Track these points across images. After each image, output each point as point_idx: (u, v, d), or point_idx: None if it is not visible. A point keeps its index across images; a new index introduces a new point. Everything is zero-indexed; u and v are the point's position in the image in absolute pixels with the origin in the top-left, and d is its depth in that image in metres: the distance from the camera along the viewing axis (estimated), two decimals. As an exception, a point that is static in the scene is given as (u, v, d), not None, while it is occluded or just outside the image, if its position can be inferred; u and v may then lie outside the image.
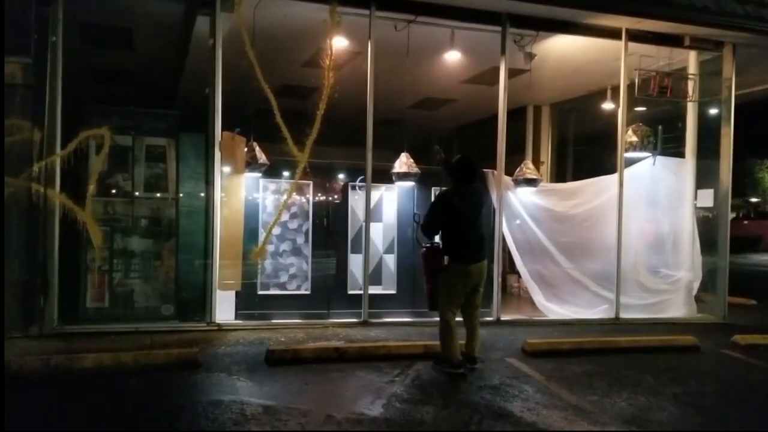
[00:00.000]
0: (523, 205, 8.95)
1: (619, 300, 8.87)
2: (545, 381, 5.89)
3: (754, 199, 44.04)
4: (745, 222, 44.92)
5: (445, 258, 6.09)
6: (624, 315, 8.93)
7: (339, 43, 7.86)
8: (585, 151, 14.53)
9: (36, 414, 4.65)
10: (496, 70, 10.11)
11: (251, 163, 7.54)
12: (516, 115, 14.37)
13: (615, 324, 8.74)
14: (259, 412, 4.74)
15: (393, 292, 8.53)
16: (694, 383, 6.02)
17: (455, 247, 6.04)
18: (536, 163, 14.10)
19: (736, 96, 12.75)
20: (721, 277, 9.42)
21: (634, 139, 9.22)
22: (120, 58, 9.63)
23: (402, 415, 4.84)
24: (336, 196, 8.50)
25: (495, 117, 12.29)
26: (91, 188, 7.06)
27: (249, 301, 7.87)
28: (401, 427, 4.59)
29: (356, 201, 8.25)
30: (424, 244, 6.32)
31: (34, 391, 5.11)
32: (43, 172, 6.74)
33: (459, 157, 6.24)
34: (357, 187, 8.35)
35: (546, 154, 14.15)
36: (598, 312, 8.97)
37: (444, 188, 6.29)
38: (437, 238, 6.24)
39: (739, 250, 35.16)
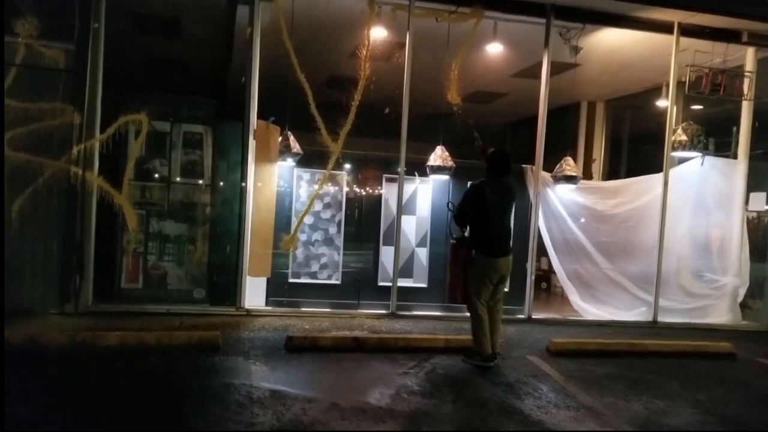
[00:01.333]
0: (561, 202, 8.76)
1: (658, 303, 8.60)
2: (563, 381, 5.78)
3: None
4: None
5: (473, 251, 6.11)
6: (663, 319, 8.66)
7: (378, 33, 7.88)
8: (639, 149, 14.11)
9: (44, 386, 4.82)
10: (553, 63, 10.00)
11: (285, 152, 7.63)
12: (570, 111, 14.18)
13: (652, 327, 8.49)
14: (265, 396, 4.82)
15: (424, 285, 8.50)
16: (720, 390, 5.80)
17: (483, 239, 6.06)
18: (588, 160, 13.87)
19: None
20: (768, 283, 9.04)
21: (684, 138, 8.89)
22: (161, 46, 9.86)
23: (408, 406, 4.83)
24: (370, 188, 8.49)
25: (550, 112, 12.16)
26: (129, 172, 7.28)
27: (280, 289, 7.99)
28: (404, 418, 4.58)
29: (390, 193, 8.24)
30: (454, 236, 6.39)
31: (53, 364, 5.31)
32: (82, 155, 6.97)
33: (494, 150, 6.28)
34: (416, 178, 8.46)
35: (599, 151, 13.83)
36: (635, 314, 8.73)
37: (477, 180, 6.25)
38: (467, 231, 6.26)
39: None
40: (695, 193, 8.94)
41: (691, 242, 8.97)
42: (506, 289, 6.50)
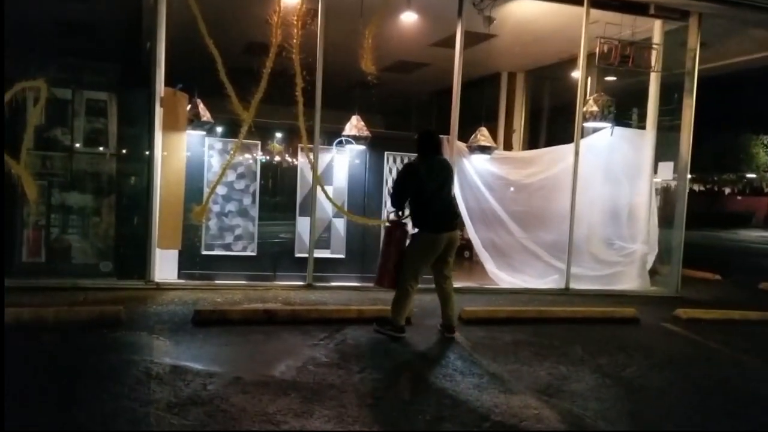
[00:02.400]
0: (477, 172, 8.84)
1: (570, 270, 8.84)
2: (471, 349, 5.87)
3: (750, 175, 44.07)
4: (739, 198, 45.15)
5: (413, 231, 6.13)
6: (575, 286, 8.92)
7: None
8: (558, 119, 14.39)
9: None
10: (469, 34, 9.99)
11: (194, 121, 7.40)
12: (491, 81, 14.30)
13: (564, 294, 8.72)
14: (165, 372, 4.69)
15: (342, 256, 8.48)
16: (622, 355, 6.00)
17: (424, 216, 6.03)
18: (509, 130, 14.06)
19: (712, 68, 12.78)
20: (676, 251, 9.38)
21: (595, 108, 9.09)
22: (62, 9, 9.33)
23: (313, 378, 4.80)
24: (286, 158, 8.35)
25: (472, 83, 12.19)
26: (27, 141, 6.91)
27: (192, 261, 7.81)
28: (308, 390, 4.53)
29: (305, 163, 8.12)
30: (389, 219, 6.32)
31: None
32: (-25, 124, 6.59)
33: (422, 130, 6.28)
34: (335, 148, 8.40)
35: (519, 122, 14.04)
36: (549, 282, 8.95)
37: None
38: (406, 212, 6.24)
39: (730, 226, 35.57)
40: (605, 162, 9.17)
41: (601, 211, 9.23)
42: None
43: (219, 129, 7.86)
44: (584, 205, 8.97)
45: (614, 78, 11.02)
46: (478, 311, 7.04)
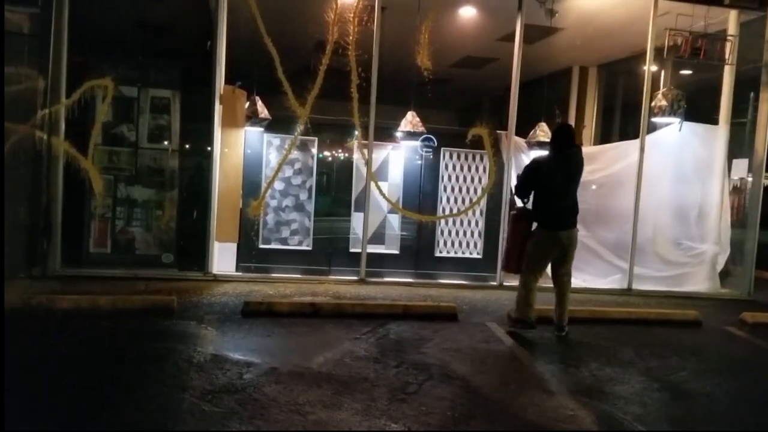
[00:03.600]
0: (536, 169, 8.65)
1: (633, 270, 8.55)
2: (515, 347, 5.78)
3: None
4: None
5: (533, 223, 6.17)
6: (639, 286, 8.63)
7: (347, -3, 7.76)
8: (631, 114, 13.91)
9: None
10: (530, 27, 9.82)
11: (252, 118, 7.59)
12: (563, 76, 13.97)
13: (626, 295, 8.46)
14: (206, 360, 4.85)
15: (396, 252, 8.49)
16: (675, 359, 5.77)
17: (544, 213, 6.09)
18: (579, 125, 13.70)
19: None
20: (748, 252, 8.92)
21: (664, 103, 8.76)
22: (129, 8, 9.72)
23: (348, 371, 4.85)
24: (342, 154, 8.45)
25: (543, 78, 11.98)
26: (95, 137, 7.27)
27: (249, 254, 8.01)
28: (340, 383, 4.59)
29: (360, 159, 8.18)
30: (514, 207, 6.47)
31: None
32: (47, 120, 6.97)
33: (557, 125, 6.42)
34: (422, 153, 8.48)
35: (591, 117, 13.67)
36: (610, 282, 8.69)
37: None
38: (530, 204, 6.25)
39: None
40: (673, 159, 8.81)
41: (668, 209, 8.87)
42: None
43: (276, 125, 7.98)
44: (650, 203, 8.65)
45: (690, 72, 10.59)
46: (528, 310, 6.90)
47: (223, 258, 7.90)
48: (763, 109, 8.85)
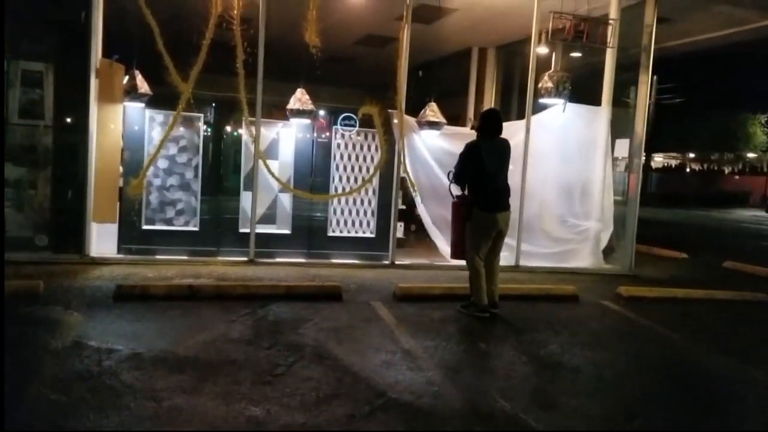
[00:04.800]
0: (427, 148, 8.72)
1: (520, 247, 8.78)
2: (394, 325, 5.82)
3: (750, 155, 43.92)
4: (737, 177, 45.07)
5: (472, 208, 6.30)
6: (526, 263, 8.88)
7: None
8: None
9: None
10: (424, 7, 9.84)
11: (131, 92, 7.29)
12: (464, 56, 14.15)
13: (513, 271, 8.67)
14: (64, 347, 4.65)
15: (287, 232, 8.39)
16: (547, 333, 5.95)
17: (482, 196, 6.25)
18: (479, 105, 13.93)
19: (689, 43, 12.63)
20: (629, 228, 9.32)
21: (549, 84, 8.95)
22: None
23: (216, 354, 4.75)
24: (230, 131, 8.24)
25: (445, 58, 12.03)
26: (-43, 112, 6.81)
27: (132, 236, 7.73)
28: (205, 367, 4.49)
29: (249, 137, 8.00)
30: (454, 195, 6.53)
31: None
32: None
33: (486, 110, 6.61)
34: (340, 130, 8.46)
35: (490, 97, 13.91)
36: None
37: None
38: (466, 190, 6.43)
39: (726, 205, 35.53)
40: (558, 139, 9.06)
41: (553, 188, 9.14)
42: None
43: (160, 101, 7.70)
44: (536, 181, 8.89)
45: (579, 54, 10.89)
46: (412, 288, 6.98)
47: (103, 240, 7.60)
48: (641, 92, 9.22)
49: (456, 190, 6.52)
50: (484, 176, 6.19)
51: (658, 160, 54.42)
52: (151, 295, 6.10)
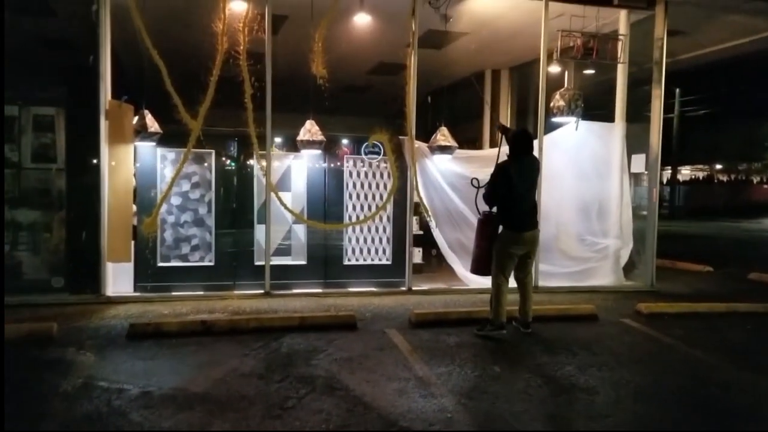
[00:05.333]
0: (440, 172, 8.68)
1: (538, 268, 8.63)
2: (409, 352, 5.73)
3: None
4: (765, 186, 44.24)
5: (499, 227, 6.38)
6: (545, 283, 8.73)
7: (238, 6, 7.62)
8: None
9: None
10: (434, 33, 9.87)
11: (141, 132, 7.37)
12: (478, 79, 14.13)
13: (533, 292, 8.48)
14: (74, 388, 4.63)
15: (303, 262, 8.36)
16: (565, 354, 5.82)
17: (510, 215, 6.30)
18: (494, 128, 13.87)
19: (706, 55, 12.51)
20: (649, 244, 9.14)
21: (561, 103, 8.91)
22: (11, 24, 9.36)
23: (227, 390, 4.71)
24: (242, 165, 8.28)
25: (458, 82, 12.03)
26: (-28, 159, 6.93)
27: (148, 273, 7.76)
28: (214, 403, 4.45)
29: (261, 170, 8.01)
30: (480, 212, 6.56)
31: None
32: None
33: (517, 130, 6.62)
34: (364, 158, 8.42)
35: (506, 118, 13.86)
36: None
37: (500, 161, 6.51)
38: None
39: (756, 215, 34.89)
40: (573, 157, 8.96)
41: (570, 207, 9.03)
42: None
43: (171, 139, 7.78)
44: (552, 201, 8.76)
45: (592, 72, 10.83)
46: (427, 314, 6.90)
47: (120, 279, 7.64)
48: (655, 106, 9.09)
49: (483, 206, 6.53)
50: (513, 196, 6.21)
51: (686, 172, 53.80)
52: (164, 332, 6.08)
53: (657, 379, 5.29)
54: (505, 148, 8.41)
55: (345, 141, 8.80)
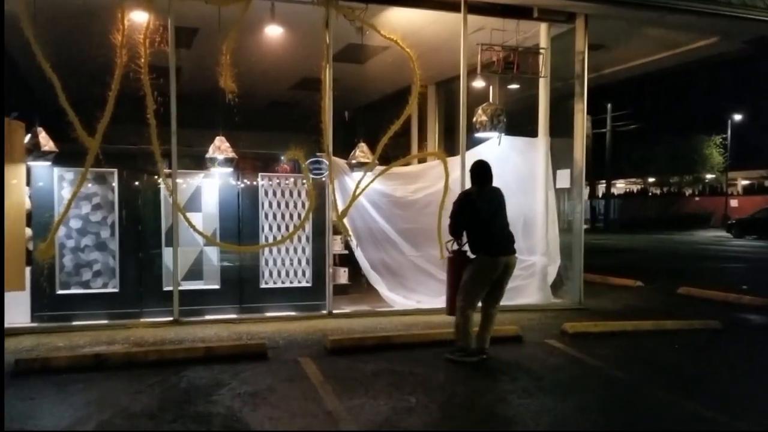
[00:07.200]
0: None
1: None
2: (320, 384, 5.35)
3: (709, 176, 44.71)
4: (697, 199, 45.69)
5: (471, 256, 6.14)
6: (472, 303, 8.48)
7: (139, 17, 7.19)
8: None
9: None
10: (355, 47, 9.60)
11: (34, 151, 6.84)
12: (405, 94, 13.94)
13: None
14: (-68, 438, 4.10)
15: (216, 287, 7.91)
16: (486, 381, 5.58)
17: (482, 239, 6.05)
18: (422, 143, 13.73)
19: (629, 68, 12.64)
20: (576, 260, 9.03)
21: (484, 118, 8.77)
22: None
23: (111, 434, 4.26)
24: (147, 185, 7.77)
25: (388, 97, 11.74)
26: None
27: (45, 302, 7.19)
28: (93, 450, 4.00)
29: (167, 190, 7.55)
30: (449, 250, 6.30)
31: None
32: None
33: (474, 162, 6.40)
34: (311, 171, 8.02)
35: (433, 134, 13.73)
36: (444, 300, 8.44)
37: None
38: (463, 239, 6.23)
39: (689, 227, 35.83)
40: (496, 173, 8.71)
41: (494, 223, 8.82)
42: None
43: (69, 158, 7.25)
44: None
45: (517, 86, 10.76)
46: (343, 340, 6.56)
47: (15, 309, 7.03)
48: (578, 121, 9.04)
49: (452, 245, 6.26)
50: (480, 220, 6.01)
51: (620, 186, 55.23)
52: (53, 368, 5.56)
53: (579, 405, 5.06)
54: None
55: (283, 158, 8.40)
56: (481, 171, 6.24)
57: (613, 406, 5.11)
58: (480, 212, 6.00)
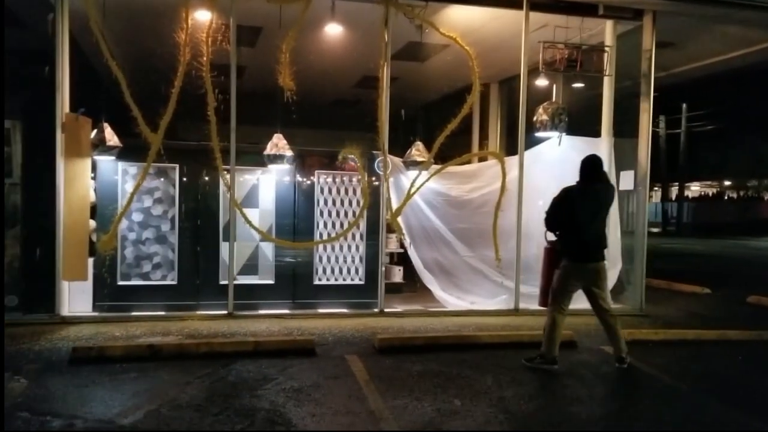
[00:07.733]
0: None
1: (519, 290, 8.27)
2: (365, 382, 5.35)
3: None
4: (774, 203, 43.68)
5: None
6: (527, 306, 8.34)
7: (202, 16, 7.35)
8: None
9: None
10: (415, 45, 9.58)
11: (99, 146, 7.07)
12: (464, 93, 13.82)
13: (514, 315, 8.17)
14: (-6, 419, 4.30)
15: (271, 282, 8.02)
16: (534, 386, 5.45)
17: (571, 244, 5.92)
18: (483, 142, 13.57)
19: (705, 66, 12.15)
20: (638, 264, 8.74)
21: (544, 117, 8.58)
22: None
23: (157, 423, 4.36)
24: (208, 180, 7.92)
25: (450, 95, 11.66)
26: None
27: (106, 293, 7.44)
28: (139, 438, 4.11)
29: (225, 186, 7.70)
30: (547, 241, 6.21)
31: None
32: None
33: (585, 156, 6.09)
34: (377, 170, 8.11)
35: (495, 133, 13.53)
36: (498, 302, 8.40)
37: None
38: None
39: (766, 233, 34.31)
40: (556, 174, 8.55)
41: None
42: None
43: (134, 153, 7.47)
44: (534, 220, 8.39)
45: (581, 85, 10.49)
46: (392, 339, 6.54)
47: (79, 298, 7.34)
48: (643, 120, 8.74)
49: (549, 235, 6.16)
50: (575, 224, 5.80)
51: (695, 188, 53.25)
52: (108, 357, 5.74)
53: (632, 413, 4.92)
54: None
55: (351, 156, 8.42)
56: (588, 165, 5.94)
57: (669, 418, 4.90)
58: (576, 214, 5.77)
